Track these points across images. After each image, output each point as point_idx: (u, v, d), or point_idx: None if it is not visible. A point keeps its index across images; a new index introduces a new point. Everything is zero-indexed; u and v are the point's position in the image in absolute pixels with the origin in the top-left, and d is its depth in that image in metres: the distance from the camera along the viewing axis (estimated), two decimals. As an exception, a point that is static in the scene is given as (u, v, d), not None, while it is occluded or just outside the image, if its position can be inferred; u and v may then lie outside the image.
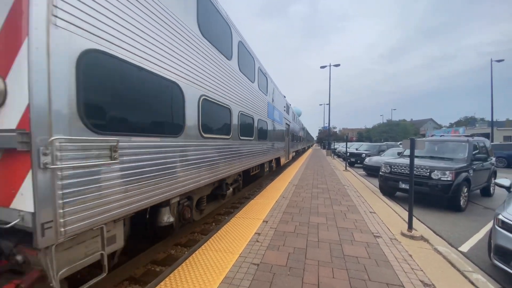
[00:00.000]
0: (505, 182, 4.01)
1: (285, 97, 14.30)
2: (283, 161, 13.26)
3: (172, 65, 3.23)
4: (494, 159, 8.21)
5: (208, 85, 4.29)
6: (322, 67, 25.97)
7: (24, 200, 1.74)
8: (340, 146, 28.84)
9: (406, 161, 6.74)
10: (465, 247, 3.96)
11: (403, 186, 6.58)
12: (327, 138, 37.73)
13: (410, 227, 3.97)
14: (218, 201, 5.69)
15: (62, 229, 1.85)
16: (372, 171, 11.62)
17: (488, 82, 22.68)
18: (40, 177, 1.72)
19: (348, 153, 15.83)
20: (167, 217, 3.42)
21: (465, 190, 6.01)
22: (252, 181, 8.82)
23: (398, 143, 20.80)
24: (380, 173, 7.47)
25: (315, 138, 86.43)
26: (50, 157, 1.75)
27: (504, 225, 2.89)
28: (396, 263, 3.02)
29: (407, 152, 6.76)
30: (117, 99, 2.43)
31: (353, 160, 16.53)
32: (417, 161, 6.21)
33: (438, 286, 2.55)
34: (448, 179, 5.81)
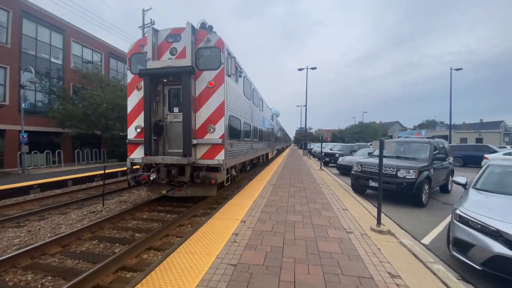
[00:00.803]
0: (462, 180, 4.45)
1: (271, 109, 19.29)
2: (269, 156, 18.14)
3: (239, 112, 7.87)
4: (451, 159, 9.06)
5: (245, 115, 8.83)
6: (300, 69, 26.62)
7: (220, 156, 6.10)
8: (315, 146, 29.79)
9: (376, 160, 7.15)
10: (426, 240, 4.30)
11: (372, 184, 6.97)
12: (303, 138, 38.77)
13: (378, 222, 4.22)
14: (241, 174, 9.60)
15: (226, 165, 6.29)
16: (345, 170, 12.16)
17: (448, 89, 25.01)
18: (225, 151, 6.17)
19: (323, 153, 16.41)
20: (234, 172, 7.79)
21: (427, 187, 6.54)
22: (252, 167, 12.55)
23: (369, 143, 22.00)
24: (352, 172, 7.85)
25: (292, 139, 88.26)
26: (227, 146, 6.36)
27: (461, 219, 3.19)
28: (366, 257, 3.18)
29: (377, 152, 7.19)
30: (232, 128, 7.02)
31: (328, 160, 17.18)
32: (385, 161, 6.62)
33: (404, 277, 2.73)
34: (412, 177, 6.27)
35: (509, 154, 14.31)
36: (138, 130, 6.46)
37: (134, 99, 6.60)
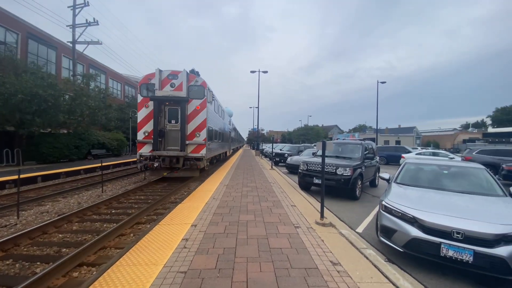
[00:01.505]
0: (386, 175, 5.24)
1: (230, 116, 25.01)
2: (228, 154, 22.13)
3: (213, 124, 11.79)
4: (378, 158, 10.60)
5: (215, 125, 12.78)
6: (252, 71, 27.16)
7: (203, 152, 9.64)
8: (267, 147, 30.85)
9: (319, 160, 7.82)
10: (360, 229, 4.91)
11: (316, 181, 7.59)
12: (256, 139, 39.66)
13: (322, 216, 4.63)
14: (210, 165, 12.61)
15: (207, 157, 10.06)
16: (293, 169, 12.95)
17: (375, 98, 29.23)
18: (206, 148, 9.76)
19: (273, 154, 17.13)
20: (208, 163, 10.71)
21: (360, 182, 7.48)
22: (215, 162, 15.79)
23: (313, 144, 23.96)
24: (299, 170, 8.40)
25: (245, 139, 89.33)
26: (207, 145, 9.97)
27: (386, 209, 3.74)
28: (312, 249, 3.44)
29: (320, 152, 7.86)
30: (209, 134, 10.66)
31: (278, 160, 18.00)
32: (326, 160, 7.31)
33: (343, 263, 3.06)
34: (348, 174, 7.09)
35: (420, 153, 17.64)
36: (146, 134, 9.44)
37: (143, 113, 9.55)
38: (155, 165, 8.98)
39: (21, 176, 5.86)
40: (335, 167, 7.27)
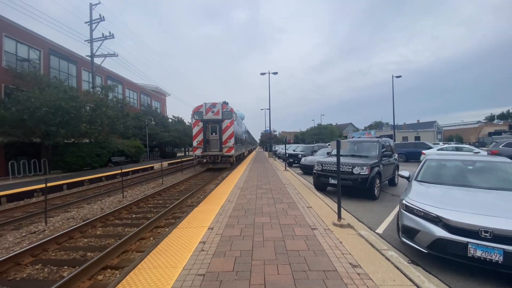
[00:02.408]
0: (405, 173, 5.03)
1: (242, 119, 29.55)
2: (245, 154, 28.52)
3: (237, 133, 17.28)
4: (396, 155, 10.22)
5: (238, 134, 18.54)
6: (262, 73, 27.34)
7: (232, 152, 15.67)
8: (280, 148, 30.70)
9: (334, 159, 7.66)
10: (380, 229, 4.74)
11: (332, 181, 7.44)
12: (269, 141, 39.62)
13: (339, 217, 4.52)
14: (236, 162, 19.11)
15: (235, 155, 16.58)
16: (307, 170, 12.78)
17: (390, 93, 28.27)
18: (234, 149, 15.98)
19: (287, 155, 17.01)
20: (235, 159, 17.13)
21: (378, 181, 7.24)
22: (238, 160, 21.01)
23: (327, 144, 23.53)
24: (314, 171, 8.27)
25: (258, 141, 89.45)
26: (235, 147, 16.11)
27: (407, 208, 3.58)
28: (330, 251, 3.37)
29: (335, 152, 7.71)
30: (236, 140, 16.57)
31: (291, 161, 17.83)
32: (342, 159, 7.15)
33: (363, 265, 2.97)
34: (365, 173, 6.89)
35: (442, 149, 16.80)
36: (198, 142, 15.17)
37: (196, 129, 15.34)
38: (204, 161, 15.47)
39: (48, 184, 6.23)
40: (351, 167, 7.09)
